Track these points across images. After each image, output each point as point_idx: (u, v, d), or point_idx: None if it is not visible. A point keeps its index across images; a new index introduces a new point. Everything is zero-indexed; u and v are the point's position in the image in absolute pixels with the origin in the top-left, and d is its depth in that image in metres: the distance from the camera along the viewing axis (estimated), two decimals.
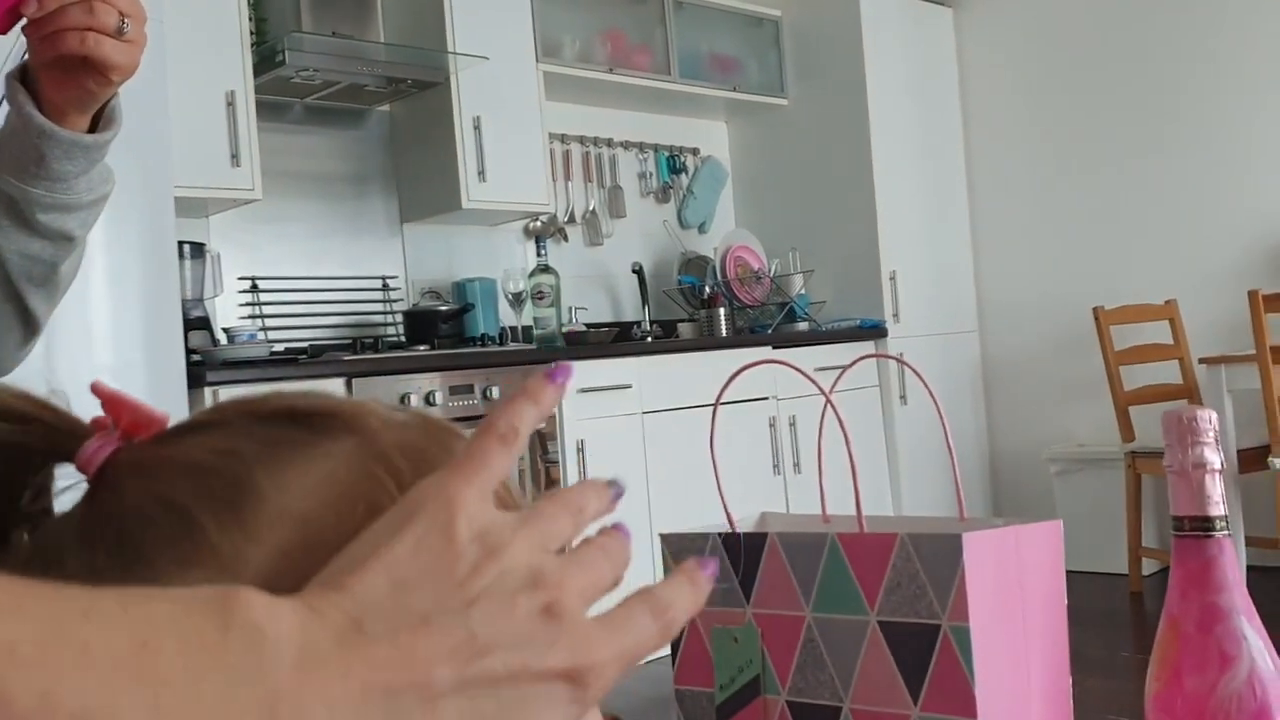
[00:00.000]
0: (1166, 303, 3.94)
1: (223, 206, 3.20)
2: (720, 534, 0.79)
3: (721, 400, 3.67)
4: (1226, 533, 0.76)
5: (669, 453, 3.50)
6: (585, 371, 3.34)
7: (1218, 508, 0.75)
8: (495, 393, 3.11)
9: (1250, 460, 3.29)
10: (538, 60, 3.71)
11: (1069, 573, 3.02)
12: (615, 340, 3.74)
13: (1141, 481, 3.74)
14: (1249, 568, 3.33)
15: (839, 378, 0.86)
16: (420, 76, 3.44)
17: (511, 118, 3.61)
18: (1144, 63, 4.20)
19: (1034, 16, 4.46)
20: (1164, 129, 4.17)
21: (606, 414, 3.38)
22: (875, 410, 4.19)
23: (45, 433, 0.38)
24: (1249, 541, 3.37)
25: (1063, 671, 0.74)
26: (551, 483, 3.25)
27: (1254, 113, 3.98)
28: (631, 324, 4.18)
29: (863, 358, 0.87)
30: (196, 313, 2.96)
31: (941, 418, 0.85)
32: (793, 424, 3.88)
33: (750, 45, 4.44)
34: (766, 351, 3.88)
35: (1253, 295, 3.04)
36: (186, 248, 3.02)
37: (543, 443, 3.24)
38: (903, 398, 4.23)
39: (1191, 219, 4.12)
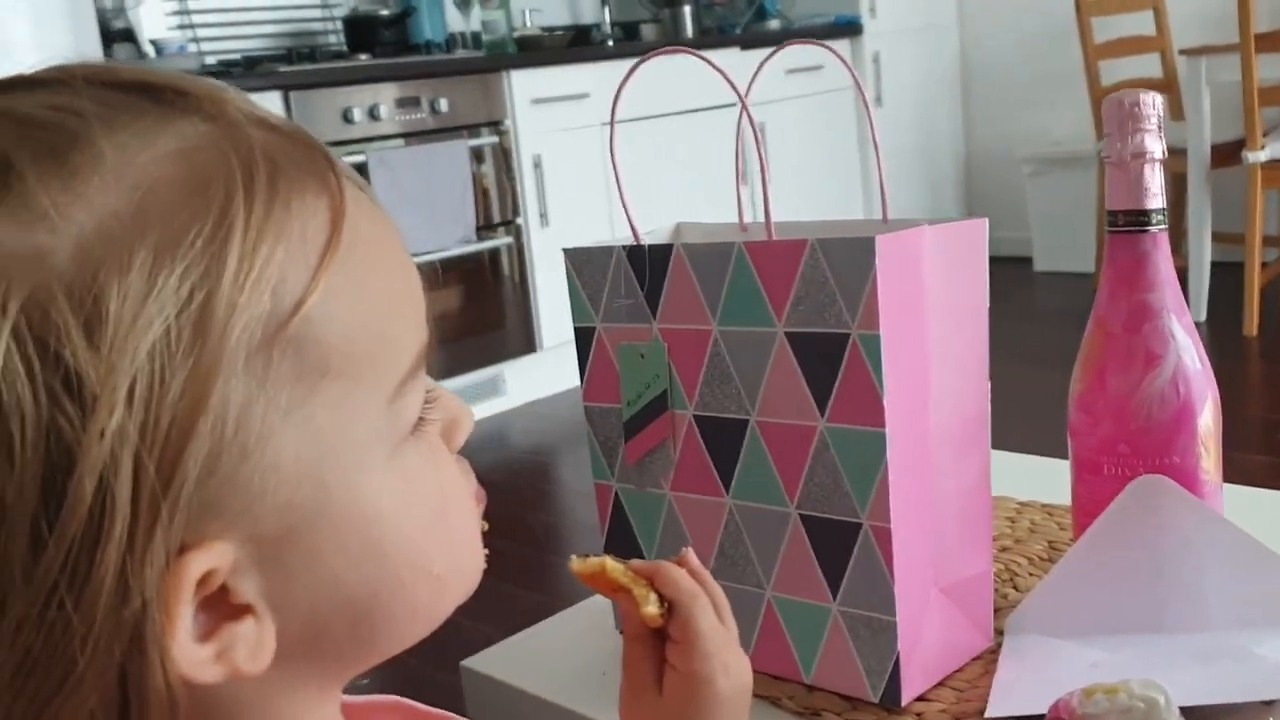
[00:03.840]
0: None
1: None
2: (625, 247, 0.74)
3: (689, 109, 3.50)
4: (1163, 226, 0.70)
5: (632, 165, 3.38)
6: (540, 80, 3.18)
7: (1155, 200, 0.70)
8: (444, 105, 2.97)
9: (1224, 156, 3.21)
10: None
11: (1038, 273, 3.00)
12: (572, 45, 3.54)
13: None
14: (1214, 264, 3.32)
15: (754, 77, 0.78)
16: None
17: None
18: None
19: None
20: None
21: (564, 126, 3.25)
22: (850, 112, 4.06)
23: None
24: (1216, 238, 3.35)
25: (981, 377, 0.70)
26: (513, 198, 3.17)
27: None
28: (590, 27, 3.96)
29: (786, 45, 0.79)
30: (119, 24, 2.77)
31: (869, 113, 0.78)
32: (762, 130, 3.75)
33: None
34: (734, 53, 3.69)
35: None
36: None
37: (506, 159, 3.12)
38: (878, 98, 4.09)
39: None
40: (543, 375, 3.26)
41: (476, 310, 3.12)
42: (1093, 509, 0.72)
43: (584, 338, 0.76)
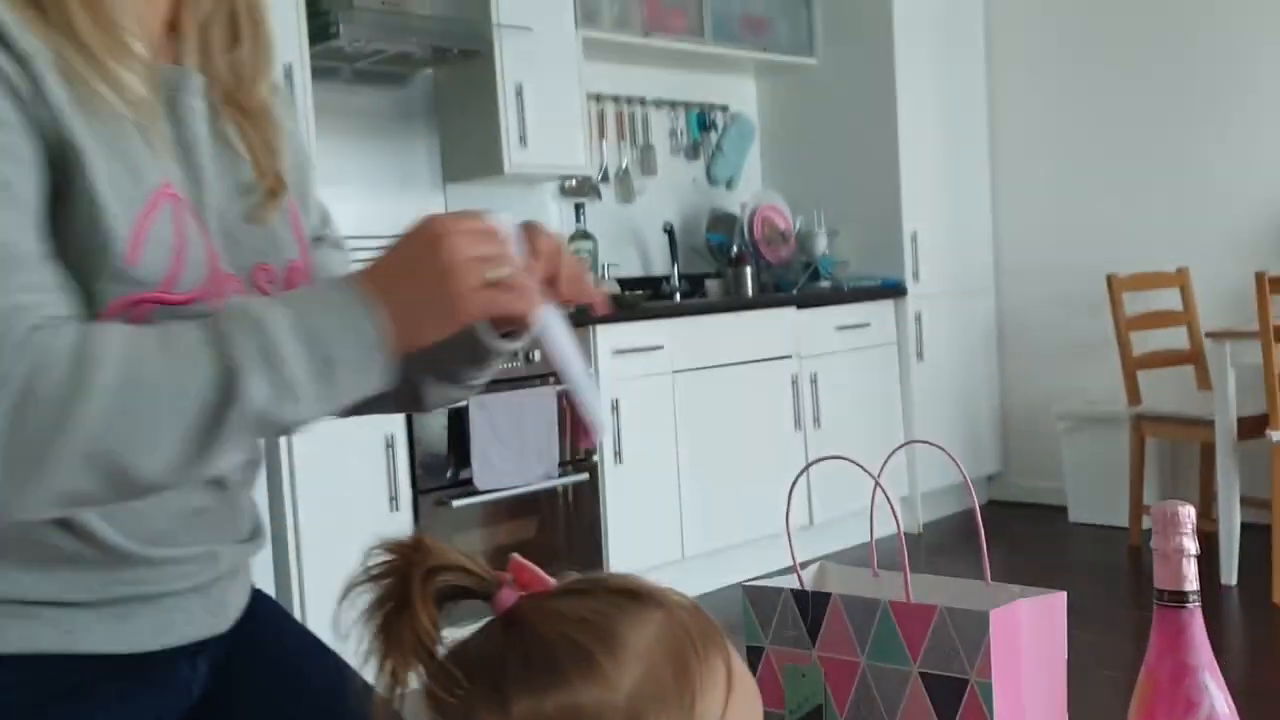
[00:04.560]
0: (1178, 270, 4.09)
1: None
2: (792, 590, 0.98)
3: (749, 360, 3.80)
4: (1197, 604, 0.95)
5: (698, 408, 3.70)
6: (620, 334, 3.53)
7: (1191, 584, 0.94)
8: (536, 356, 3.30)
9: (1250, 427, 3.46)
10: (577, 26, 3.82)
11: (1073, 524, 3.22)
12: (649, 299, 3.91)
13: (1145, 443, 3.93)
14: (1244, 525, 3.51)
15: (885, 463, 1.05)
16: (465, 46, 3.56)
17: (552, 84, 3.74)
18: (1165, 32, 4.29)
19: None
20: (1184, 99, 4.27)
21: (640, 374, 3.57)
22: (893, 363, 4.38)
23: (477, 582, 0.59)
24: (1244, 501, 3.56)
25: (1060, 708, 0.93)
26: (586, 435, 3.45)
27: (1272, 86, 4.08)
28: (661, 278, 4.35)
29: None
30: None
31: (966, 481, 1.04)
32: (814, 381, 4.07)
33: (781, 5, 4.53)
34: (790, 311, 4.05)
35: (1259, 277, 3.19)
36: None
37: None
38: (919, 354, 4.41)
39: (1208, 188, 4.25)
40: None
41: (549, 541, 3.36)
42: None
43: (754, 654, 1.00)
